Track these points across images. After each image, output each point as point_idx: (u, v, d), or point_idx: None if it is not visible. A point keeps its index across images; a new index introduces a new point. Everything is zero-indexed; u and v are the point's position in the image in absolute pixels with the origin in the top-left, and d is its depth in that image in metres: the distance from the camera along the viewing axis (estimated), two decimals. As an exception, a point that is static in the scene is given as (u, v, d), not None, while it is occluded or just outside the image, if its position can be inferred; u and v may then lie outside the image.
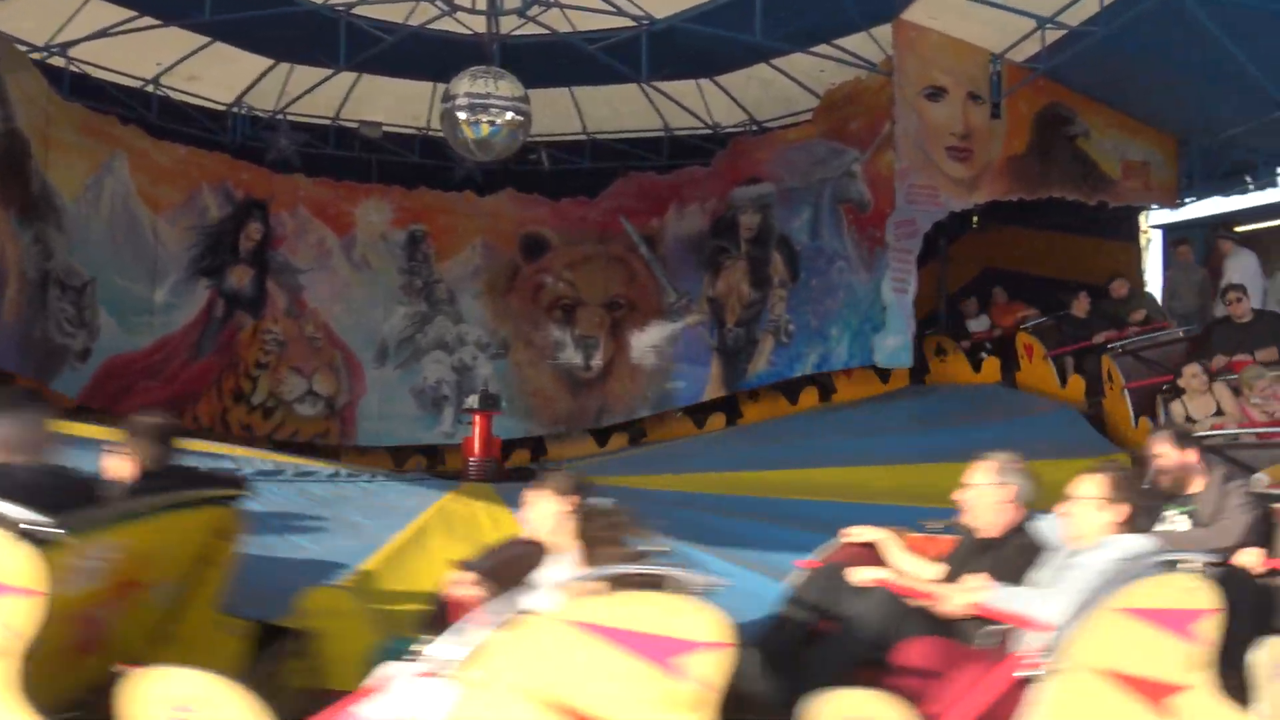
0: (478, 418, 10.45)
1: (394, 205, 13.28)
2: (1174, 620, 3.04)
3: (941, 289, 14.19)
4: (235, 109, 12.79)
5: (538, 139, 13.04)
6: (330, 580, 4.85)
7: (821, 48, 10.76)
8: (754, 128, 13.37)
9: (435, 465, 12.43)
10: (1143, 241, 14.78)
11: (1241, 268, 9.75)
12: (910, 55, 10.52)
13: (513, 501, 7.27)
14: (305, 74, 12.18)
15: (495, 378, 12.92)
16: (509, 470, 10.80)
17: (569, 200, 13.69)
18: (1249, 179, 11.48)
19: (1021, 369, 11.03)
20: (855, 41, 10.71)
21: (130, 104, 11.83)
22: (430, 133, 13.04)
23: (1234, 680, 3.30)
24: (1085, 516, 3.39)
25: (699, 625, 2.54)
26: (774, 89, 12.54)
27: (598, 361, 13.34)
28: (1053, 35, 10.03)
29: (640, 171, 13.70)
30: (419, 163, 13.59)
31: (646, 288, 13.44)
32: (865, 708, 2.81)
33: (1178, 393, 7.85)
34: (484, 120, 10.48)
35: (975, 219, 14.04)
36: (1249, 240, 10.77)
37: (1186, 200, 12.29)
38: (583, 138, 13.89)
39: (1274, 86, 9.39)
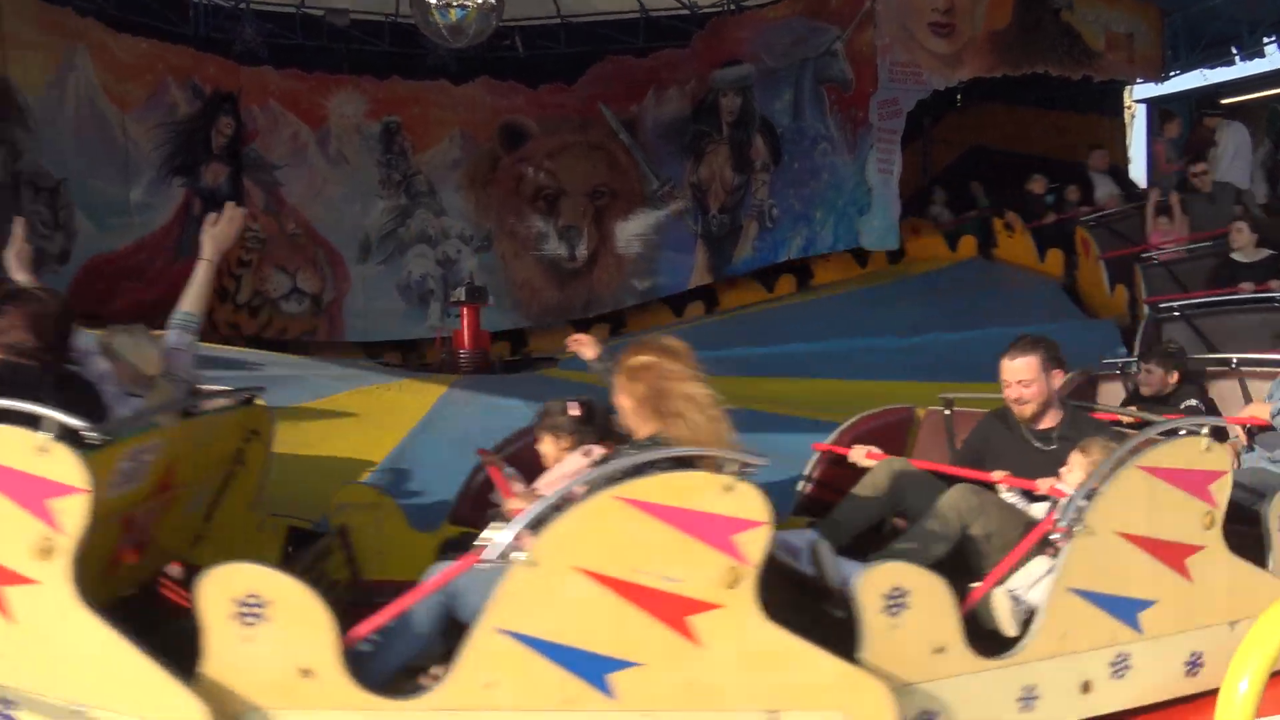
0: (465, 310, 10.46)
1: (367, 97, 12.94)
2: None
3: (926, 169, 14.14)
4: (195, -2, 12.32)
5: (510, 23, 12.72)
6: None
7: (802, -79, 10.46)
8: (732, 7, 13.05)
9: (410, 360, 12.23)
10: (1126, 117, 14.67)
11: (1233, 140, 9.56)
12: (893, -74, 10.25)
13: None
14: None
15: (480, 270, 12.87)
16: (497, 362, 10.87)
17: (546, 87, 13.38)
18: (1235, 50, 11.32)
19: (999, 245, 11.16)
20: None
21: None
22: (400, 19, 12.68)
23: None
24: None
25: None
26: (753, -34, 12.23)
27: (583, 251, 13.25)
28: (1039, -98, 9.79)
29: (617, 55, 13.37)
30: (389, 51, 13.20)
31: (629, 175, 13.28)
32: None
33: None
34: (455, 4, 10.28)
35: (959, 97, 13.89)
36: (1234, 114, 10.65)
37: (1171, 74, 12.19)
38: (557, 22, 13.54)
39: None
